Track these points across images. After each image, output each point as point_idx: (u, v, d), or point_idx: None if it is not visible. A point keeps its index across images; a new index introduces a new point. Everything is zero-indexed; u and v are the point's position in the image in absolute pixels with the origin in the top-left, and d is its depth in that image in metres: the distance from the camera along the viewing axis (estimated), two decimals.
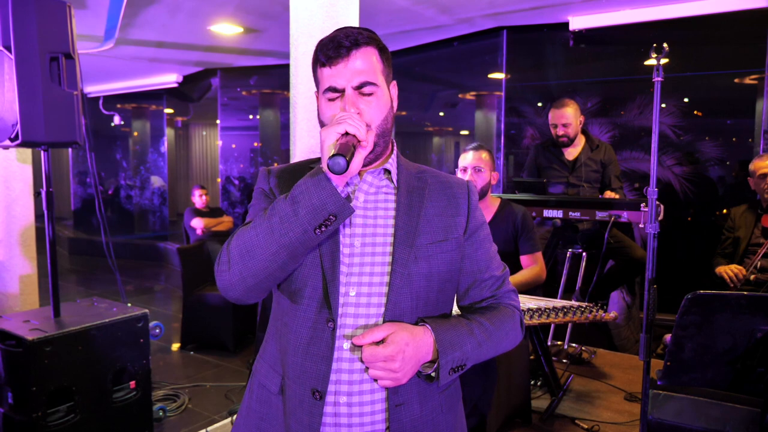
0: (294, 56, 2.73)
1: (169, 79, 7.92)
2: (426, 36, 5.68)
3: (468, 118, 6.75)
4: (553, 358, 3.49)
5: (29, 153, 4.10)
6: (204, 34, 5.59)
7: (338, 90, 1.12)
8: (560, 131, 3.74)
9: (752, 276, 3.14)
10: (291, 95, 2.77)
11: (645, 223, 2.20)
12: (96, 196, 3.05)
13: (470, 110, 6.68)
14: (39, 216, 3.52)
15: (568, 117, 3.72)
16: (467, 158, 2.89)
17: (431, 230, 1.15)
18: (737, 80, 4.81)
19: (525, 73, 5.66)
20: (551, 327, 3.84)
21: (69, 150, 9.57)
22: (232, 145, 9.05)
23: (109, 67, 7.29)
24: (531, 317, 2.58)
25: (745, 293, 1.65)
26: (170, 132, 11.28)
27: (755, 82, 4.71)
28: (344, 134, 1.02)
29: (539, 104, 5.53)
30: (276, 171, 1.22)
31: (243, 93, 8.20)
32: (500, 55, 5.51)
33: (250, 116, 8.77)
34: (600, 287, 3.71)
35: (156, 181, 9.97)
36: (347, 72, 1.11)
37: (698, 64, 4.90)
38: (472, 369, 1.13)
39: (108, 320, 2.54)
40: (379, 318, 1.09)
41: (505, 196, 3.49)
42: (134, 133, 10.26)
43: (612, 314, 2.76)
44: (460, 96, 6.82)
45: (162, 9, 4.70)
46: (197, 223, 5.75)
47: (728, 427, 1.93)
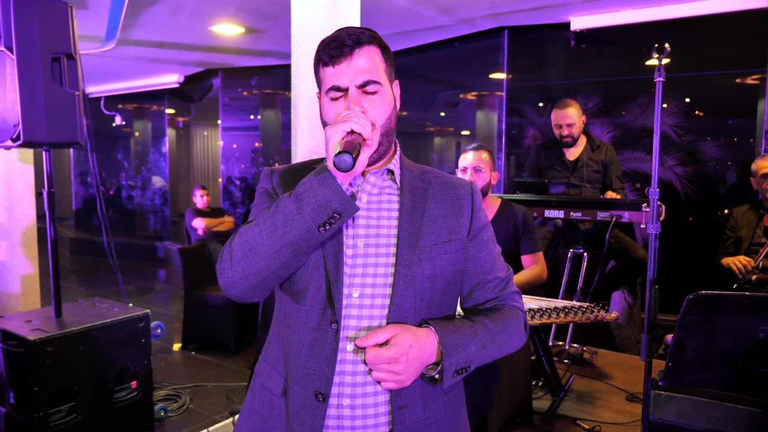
0: (295, 56, 2.73)
1: (171, 80, 7.93)
2: (427, 36, 5.68)
3: (469, 119, 6.75)
4: (555, 359, 3.48)
5: (31, 153, 4.11)
6: (205, 35, 5.59)
7: (342, 89, 1.11)
8: (564, 131, 3.73)
9: (754, 276, 3.14)
10: (292, 95, 2.78)
11: (646, 224, 2.20)
12: (98, 197, 3.05)
13: (471, 110, 6.68)
14: (40, 216, 3.53)
15: (572, 117, 3.72)
16: (467, 158, 2.88)
17: (435, 231, 1.14)
18: (739, 80, 4.80)
19: (526, 74, 5.66)
20: (552, 327, 3.84)
21: (70, 150, 9.58)
22: (233, 146, 9.06)
23: (111, 68, 7.30)
24: (532, 317, 2.58)
25: (747, 293, 1.65)
26: (171, 132, 11.28)
27: (757, 82, 4.71)
28: (350, 132, 1.01)
29: (540, 104, 5.53)
30: (279, 171, 1.22)
31: (244, 93, 8.20)
32: (501, 56, 5.51)
33: (251, 116, 8.78)
34: (601, 287, 3.71)
35: (157, 182, 9.98)
36: (350, 71, 1.10)
37: (699, 64, 4.89)
38: (474, 369, 1.12)
39: (109, 320, 2.54)
40: (383, 320, 1.09)
41: (507, 197, 3.49)
42: (135, 134, 10.27)
43: (613, 314, 2.76)
44: (461, 96, 6.82)
45: (163, 9, 4.70)
46: (198, 224, 5.76)
47: (730, 428, 1.93)
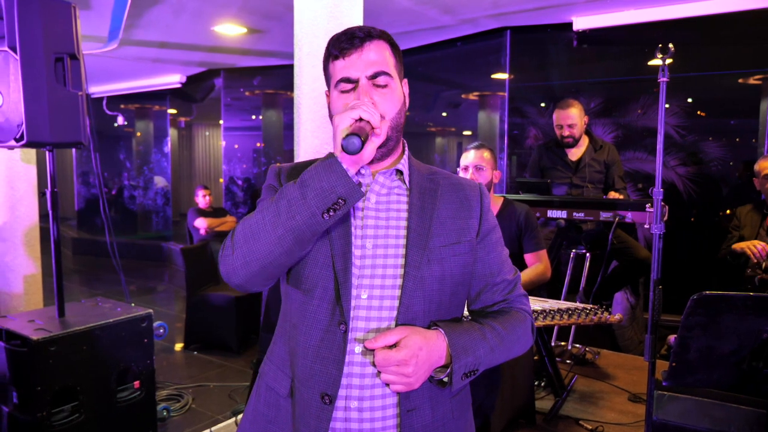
0: (298, 57, 2.73)
1: (173, 80, 7.93)
2: (429, 36, 5.68)
3: (471, 119, 6.75)
4: (557, 359, 3.48)
5: (33, 153, 4.11)
6: (207, 35, 5.60)
7: (352, 80, 1.10)
8: (566, 132, 3.73)
9: (757, 277, 3.13)
10: (295, 95, 2.78)
11: (650, 224, 2.20)
12: (101, 197, 3.05)
13: (473, 110, 6.68)
14: (43, 216, 3.53)
15: (574, 117, 3.71)
16: (468, 157, 2.87)
17: (444, 232, 1.13)
18: (741, 80, 4.80)
19: (528, 74, 5.66)
20: (555, 328, 3.84)
21: (73, 150, 9.59)
22: (235, 146, 9.07)
23: (113, 68, 7.31)
24: (535, 319, 2.57)
25: (751, 294, 1.65)
26: (173, 132, 11.30)
27: (759, 83, 4.70)
28: (358, 120, 1.00)
29: (542, 104, 5.53)
30: (287, 168, 1.21)
31: (246, 93, 8.21)
32: (504, 56, 5.51)
33: (253, 116, 8.79)
34: (604, 288, 3.71)
35: (159, 182, 9.99)
36: (361, 63, 1.10)
37: (702, 65, 4.89)
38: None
39: (112, 320, 2.55)
40: (392, 321, 1.08)
41: (509, 197, 3.49)
42: (137, 134, 10.28)
43: (617, 316, 2.75)
44: (463, 96, 6.82)
45: (166, 10, 4.71)
46: (201, 224, 5.77)
47: (733, 428, 1.93)
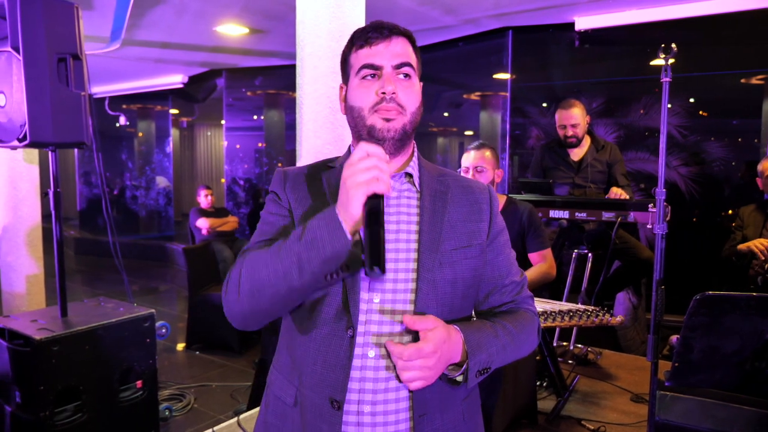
0: (300, 57, 2.73)
1: (175, 80, 7.94)
2: (431, 36, 5.68)
3: (473, 119, 6.75)
4: (559, 359, 3.48)
5: (36, 153, 4.12)
6: (210, 35, 5.60)
7: (376, 67, 1.11)
8: (569, 132, 3.73)
9: (760, 277, 3.13)
10: (297, 95, 2.78)
11: (653, 224, 2.20)
12: (103, 197, 3.05)
13: (475, 110, 6.68)
14: (45, 216, 3.54)
15: (576, 117, 3.71)
16: (469, 158, 2.84)
17: (455, 236, 1.13)
18: (743, 80, 4.79)
19: (530, 74, 5.66)
20: (557, 328, 3.83)
21: (75, 150, 9.61)
22: (237, 146, 9.07)
23: (115, 68, 7.32)
24: None
25: (755, 294, 1.64)
26: (175, 132, 11.32)
27: (761, 83, 4.70)
28: (373, 180, 0.96)
29: (544, 105, 5.52)
30: (292, 174, 1.20)
31: (248, 93, 8.21)
32: (505, 56, 5.50)
33: (255, 117, 8.80)
34: (606, 288, 3.70)
35: (161, 182, 10.00)
36: (388, 53, 1.11)
37: (704, 65, 4.88)
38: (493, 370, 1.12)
39: (115, 320, 2.55)
40: (405, 325, 1.06)
41: (515, 196, 3.49)
42: (139, 134, 10.29)
43: (618, 318, 2.75)
44: (465, 96, 6.82)
45: (168, 10, 4.71)
46: (203, 224, 5.77)
47: (736, 429, 1.92)
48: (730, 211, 4.74)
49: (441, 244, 1.11)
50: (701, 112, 4.89)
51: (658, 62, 2.16)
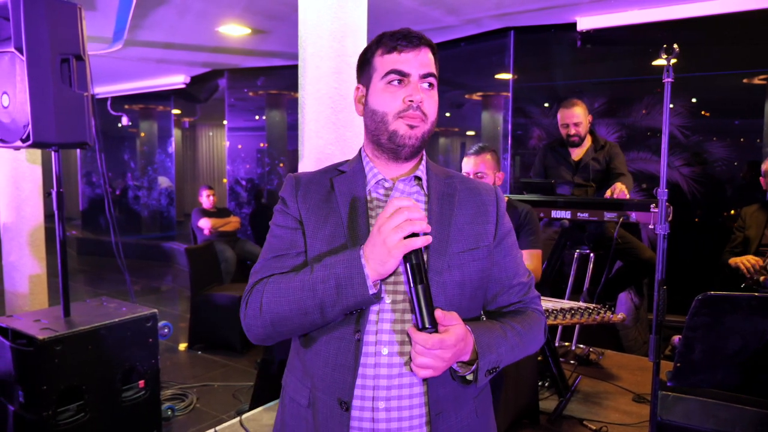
0: (302, 57, 2.74)
1: (177, 80, 7.95)
2: (433, 37, 5.63)
3: (474, 119, 6.75)
4: (561, 359, 3.48)
5: (39, 154, 4.13)
6: (212, 36, 5.61)
7: (404, 74, 1.13)
8: (572, 130, 3.74)
9: (762, 277, 3.13)
10: (299, 96, 2.78)
11: (655, 224, 2.20)
12: (105, 197, 3.06)
13: (477, 111, 6.68)
14: (48, 216, 3.54)
15: (579, 116, 3.72)
16: (469, 164, 2.80)
17: (462, 238, 1.15)
18: (745, 80, 4.78)
19: (532, 74, 5.65)
20: (559, 328, 3.83)
21: (77, 150, 9.64)
22: (239, 146, 9.08)
23: (118, 68, 7.33)
24: None
25: (756, 294, 1.64)
26: (177, 133, 11.34)
27: (763, 83, 4.69)
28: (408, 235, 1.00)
29: (546, 105, 5.52)
30: (304, 181, 1.21)
31: (250, 94, 8.22)
32: (507, 56, 5.50)
33: (257, 117, 8.80)
34: (608, 288, 3.70)
35: (163, 182, 10.01)
36: (416, 61, 1.13)
37: (706, 65, 4.88)
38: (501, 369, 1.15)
39: (117, 320, 2.56)
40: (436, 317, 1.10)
41: (513, 197, 3.49)
42: (142, 134, 10.31)
43: (620, 316, 2.75)
44: (467, 96, 6.81)
45: (170, 10, 4.72)
46: (205, 224, 5.78)
47: (738, 429, 1.92)
48: (732, 212, 4.74)
49: (449, 247, 1.13)
50: (703, 112, 4.88)
51: (660, 62, 2.16)
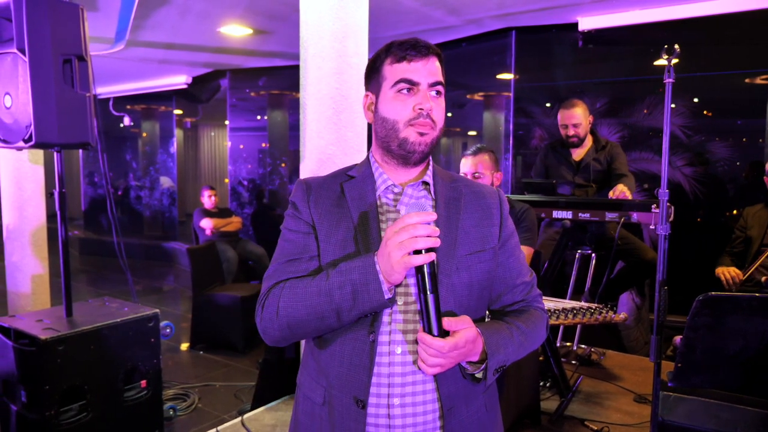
0: (304, 58, 2.74)
1: (179, 81, 7.96)
2: (434, 37, 5.68)
3: (476, 119, 6.74)
4: (563, 360, 3.48)
5: (41, 154, 4.14)
6: (213, 36, 5.62)
7: (414, 83, 1.16)
8: (571, 131, 3.74)
9: (764, 278, 3.12)
10: (301, 96, 2.79)
11: (656, 225, 2.20)
12: (108, 197, 3.07)
13: (478, 111, 6.67)
14: (50, 216, 3.55)
15: (578, 117, 3.71)
16: (466, 164, 2.80)
17: (469, 241, 1.19)
18: (748, 80, 4.78)
19: (533, 74, 5.65)
20: (560, 328, 3.83)
21: (79, 150, 9.65)
22: (241, 146, 9.09)
23: (119, 69, 7.34)
24: None
25: (757, 295, 1.64)
26: (179, 133, 11.33)
27: (766, 83, 4.68)
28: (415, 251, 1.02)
29: (548, 105, 5.52)
30: (315, 186, 1.24)
31: (251, 94, 8.23)
32: (509, 56, 5.50)
33: (259, 117, 8.80)
34: (609, 289, 3.70)
35: (165, 182, 10.02)
36: (425, 70, 1.17)
37: (708, 65, 4.87)
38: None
39: (120, 320, 2.56)
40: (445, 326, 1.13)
41: (515, 197, 3.49)
42: (143, 134, 10.32)
43: (621, 315, 2.75)
44: (468, 96, 6.81)
45: (172, 11, 4.73)
46: (206, 224, 5.78)
47: (739, 430, 1.92)
48: (735, 212, 4.73)
49: (457, 250, 1.17)
50: (705, 112, 4.87)
51: (662, 63, 2.16)
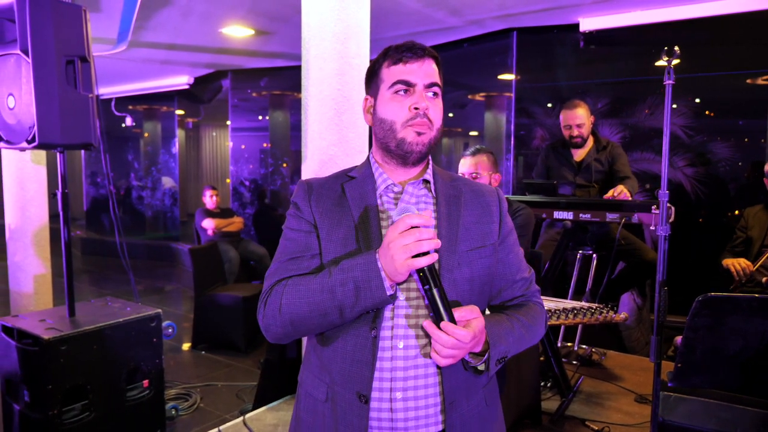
0: (305, 59, 2.75)
1: (181, 81, 7.98)
2: (436, 38, 5.68)
3: (477, 119, 6.74)
4: (563, 360, 3.48)
5: (43, 154, 4.15)
6: (215, 37, 5.63)
7: (410, 84, 1.19)
8: (574, 132, 3.74)
9: (764, 278, 3.12)
10: (303, 97, 2.79)
11: (656, 225, 2.20)
12: (110, 198, 3.08)
13: (480, 111, 6.68)
14: (53, 216, 3.56)
15: (581, 117, 3.72)
16: (465, 165, 2.79)
17: (470, 237, 1.22)
18: (749, 81, 4.77)
19: (535, 74, 5.65)
20: (561, 328, 3.84)
21: (82, 151, 9.66)
22: (242, 146, 9.10)
23: (122, 69, 7.36)
24: None
25: (757, 295, 1.65)
26: (181, 133, 11.35)
27: (767, 83, 4.68)
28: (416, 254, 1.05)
29: (549, 105, 5.52)
30: (316, 186, 1.26)
31: (253, 94, 8.24)
32: (510, 57, 5.50)
33: (260, 117, 8.81)
34: (610, 289, 3.70)
35: (167, 182, 10.03)
36: (421, 72, 1.19)
37: (710, 65, 4.87)
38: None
39: (122, 320, 2.57)
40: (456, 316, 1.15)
41: (514, 198, 3.50)
42: (145, 135, 10.34)
43: (622, 315, 2.75)
44: (470, 97, 6.81)
45: (174, 12, 4.74)
46: (208, 224, 5.79)
47: (739, 430, 1.92)
48: (736, 212, 4.73)
49: (458, 246, 1.20)
50: (707, 113, 4.87)
51: (662, 63, 2.17)
